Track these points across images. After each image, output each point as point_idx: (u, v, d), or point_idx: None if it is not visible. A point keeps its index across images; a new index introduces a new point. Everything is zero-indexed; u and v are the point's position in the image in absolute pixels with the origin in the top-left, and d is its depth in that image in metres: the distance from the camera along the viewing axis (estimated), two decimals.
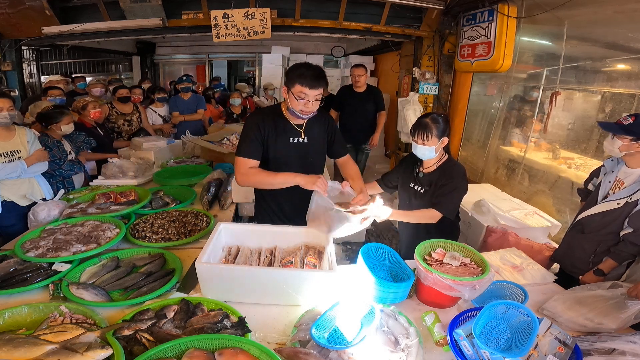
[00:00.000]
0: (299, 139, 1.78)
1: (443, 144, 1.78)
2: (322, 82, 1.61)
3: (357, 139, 4.28)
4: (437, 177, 1.83)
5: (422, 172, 1.89)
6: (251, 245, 1.61)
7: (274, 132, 1.73)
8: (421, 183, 1.88)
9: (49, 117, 2.63)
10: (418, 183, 1.89)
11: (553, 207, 3.16)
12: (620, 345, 1.12)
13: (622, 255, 1.73)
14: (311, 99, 1.60)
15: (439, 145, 1.77)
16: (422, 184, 1.87)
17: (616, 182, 1.78)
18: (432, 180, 1.84)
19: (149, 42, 7.62)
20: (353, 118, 4.19)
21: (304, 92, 1.58)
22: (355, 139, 4.27)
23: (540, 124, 3.37)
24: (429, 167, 1.87)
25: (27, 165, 2.26)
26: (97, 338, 1.02)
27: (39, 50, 5.14)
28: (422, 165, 1.90)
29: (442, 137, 1.76)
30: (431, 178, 1.85)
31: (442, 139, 1.76)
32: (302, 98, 1.59)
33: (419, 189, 1.88)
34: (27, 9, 3.66)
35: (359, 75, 4.04)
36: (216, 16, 3.88)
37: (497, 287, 1.49)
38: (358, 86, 4.10)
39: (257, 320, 1.24)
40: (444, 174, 1.82)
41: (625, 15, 2.59)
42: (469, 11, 3.96)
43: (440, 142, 1.76)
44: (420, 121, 1.79)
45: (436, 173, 1.84)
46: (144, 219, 1.99)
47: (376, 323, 1.17)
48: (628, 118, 1.66)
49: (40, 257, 1.51)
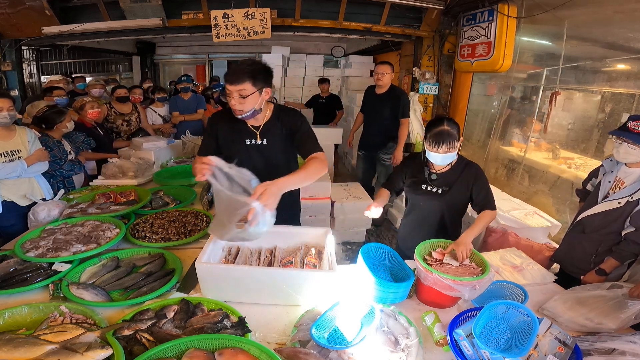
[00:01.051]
0: (256, 141, 1.72)
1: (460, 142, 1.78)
2: (242, 77, 1.49)
3: (368, 146, 3.91)
4: (455, 177, 1.82)
5: (434, 174, 1.85)
6: (251, 245, 1.61)
7: (229, 133, 1.70)
8: (436, 184, 1.85)
9: (49, 119, 2.63)
10: (432, 184, 1.85)
11: (553, 207, 3.16)
12: (620, 345, 1.12)
13: (624, 255, 1.73)
14: (234, 94, 1.51)
15: (458, 145, 1.75)
16: (438, 184, 1.85)
17: (616, 181, 1.78)
18: (450, 180, 1.83)
19: (149, 42, 7.62)
20: (368, 122, 3.85)
21: (228, 89, 1.53)
22: (367, 145, 3.91)
23: (540, 124, 3.37)
24: (441, 167, 1.84)
25: (27, 165, 2.26)
26: (97, 338, 1.02)
27: (39, 50, 5.15)
28: (433, 166, 1.86)
29: (459, 141, 1.75)
30: (448, 179, 1.83)
31: (459, 141, 1.75)
32: (229, 95, 1.54)
33: (435, 190, 1.85)
34: (27, 9, 3.67)
35: (382, 73, 3.53)
36: (216, 16, 3.89)
37: (497, 287, 1.49)
38: (379, 85, 3.62)
39: (257, 320, 1.24)
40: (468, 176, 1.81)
41: (625, 15, 2.59)
42: (469, 11, 3.97)
43: (458, 145, 1.74)
44: (441, 131, 1.69)
45: (452, 173, 1.83)
46: (143, 219, 1.99)
47: (376, 323, 1.17)
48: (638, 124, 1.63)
49: (40, 257, 1.51)
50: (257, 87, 1.54)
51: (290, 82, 7.24)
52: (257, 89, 1.54)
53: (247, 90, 1.52)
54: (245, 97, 1.52)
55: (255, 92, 1.54)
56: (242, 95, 1.51)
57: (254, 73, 1.52)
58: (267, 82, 1.61)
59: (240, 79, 1.49)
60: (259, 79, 1.54)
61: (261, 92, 1.59)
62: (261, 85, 1.56)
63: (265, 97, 1.63)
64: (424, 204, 1.91)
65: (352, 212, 3.48)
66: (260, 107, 1.64)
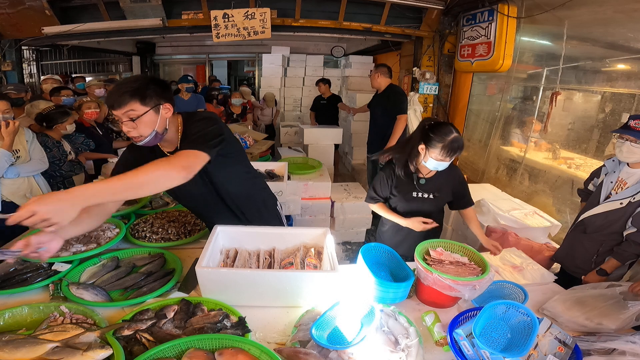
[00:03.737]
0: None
1: None
2: (124, 98, 1.24)
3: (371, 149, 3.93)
4: (442, 180, 1.85)
5: (423, 179, 1.85)
6: (249, 247, 1.60)
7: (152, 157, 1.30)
8: (426, 190, 1.85)
9: (51, 118, 2.63)
10: (422, 190, 1.85)
11: (553, 207, 3.16)
12: (620, 345, 1.12)
13: (626, 255, 1.73)
14: (122, 119, 1.26)
15: None
16: (428, 190, 1.85)
17: (618, 182, 1.79)
18: (437, 184, 1.85)
19: (149, 42, 7.62)
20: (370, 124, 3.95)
21: (114, 115, 1.29)
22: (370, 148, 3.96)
23: (540, 124, 3.37)
24: (428, 172, 1.84)
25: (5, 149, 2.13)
26: (97, 338, 1.02)
27: (39, 50, 5.15)
28: (419, 171, 1.85)
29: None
30: (437, 183, 1.85)
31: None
32: (119, 122, 1.30)
33: (427, 195, 1.85)
34: (27, 9, 3.66)
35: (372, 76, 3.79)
36: (216, 16, 3.89)
37: (497, 287, 1.49)
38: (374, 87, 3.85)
39: (257, 320, 1.24)
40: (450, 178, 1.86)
41: (625, 15, 2.59)
42: (469, 11, 3.96)
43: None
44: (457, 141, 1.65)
45: (439, 176, 1.85)
46: (144, 219, 1.99)
47: (376, 323, 1.17)
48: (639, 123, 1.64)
49: None
50: (148, 105, 1.28)
51: (290, 82, 7.24)
52: (149, 108, 1.28)
53: (136, 110, 1.26)
54: (136, 119, 1.27)
55: (147, 111, 1.27)
56: (132, 118, 1.26)
57: (139, 90, 1.26)
58: (163, 96, 1.32)
59: (123, 100, 1.25)
60: (149, 95, 1.28)
61: (158, 110, 1.30)
62: (155, 101, 1.29)
63: (166, 114, 1.34)
64: (417, 211, 1.87)
65: (352, 212, 3.48)
66: (165, 127, 1.35)
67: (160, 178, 1.13)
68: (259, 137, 4.00)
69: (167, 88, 1.36)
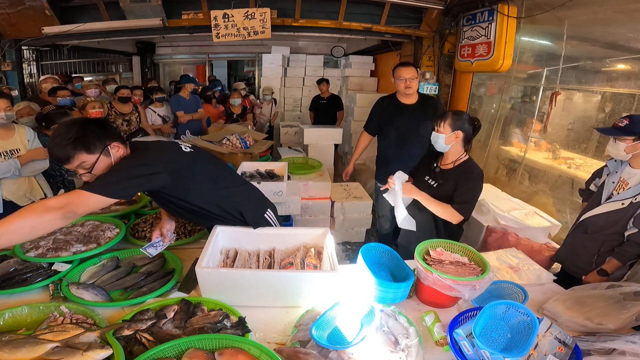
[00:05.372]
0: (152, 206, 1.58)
1: (457, 137, 1.80)
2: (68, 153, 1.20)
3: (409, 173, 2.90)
4: (455, 175, 1.83)
5: (439, 167, 1.93)
6: (249, 247, 1.60)
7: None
8: (436, 177, 1.91)
9: (50, 119, 2.63)
10: (433, 177, 1.93)
11: (553, 207, 3.16)
12: (620, 345, 1.12)
13: (627, 256, 1.73)
14: (79, 171, 1.28)
15: (450, 136, 1.79)
16: (437, 178, 1.90)
17: (620, 182, 1.79)
18: (448, 177, 1.85)
19: (149, 42, 7.61)
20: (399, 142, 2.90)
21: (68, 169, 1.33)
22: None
23: (540, 124, 3.37)
24: (446, 163, 1.89)
25: (22, 163, 2.23)
26: (97, 338, 1.02)
27: (39, 50, 5.15)
28: (441, 160, 1.93)
29: (456, 130, 1.78)
30: (447, 175, 1.87)
31: (456, 131, 1.79)
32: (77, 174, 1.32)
33: (433, 182, 1.91)
34: (27, 9, 3.66)
35: (411, 79, 2.72)
36: (216, 16, 3.88)
37: (497, 287, 1.49)
38: (408, 94, 2.80)
39: (257, 320, 1.24)
40: (462, 174, 1.83)
41: (625, 15, 2.59)
42: (469, 11, 3.96)
43: (453, 134, 1.79)
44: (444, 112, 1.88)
45: (453, 171, 1.85)
46: (144, 219, 1.99)
47: (376, 323, 1.17)
48: (623, 120, 1.70)
49: (40, 257, 1.51)
50: (96, 152, 1.24)
51: (290, 82, 7.24)
52: (98, 154, 1.24)
53: (87, 161, 1.23)
54: (91, 168, 1.25)
55: (98, 157, 1.24)
56: (86, 169, 1.24)
57: (78, 139, 1.20)
58: (106, 136, 1.28)
59: (69, 155, 1.20)
60: (91, 142, 1.23)
61: (108, 153, 1.27)
62: (100, 146, 1.25)
63: (117, 152, 1.30)
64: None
65: (352, 212, 3.48)
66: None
67: (32, 223, 1.06)
68: (259, 137, 4.01)
69: (104, 126, 1.31)
